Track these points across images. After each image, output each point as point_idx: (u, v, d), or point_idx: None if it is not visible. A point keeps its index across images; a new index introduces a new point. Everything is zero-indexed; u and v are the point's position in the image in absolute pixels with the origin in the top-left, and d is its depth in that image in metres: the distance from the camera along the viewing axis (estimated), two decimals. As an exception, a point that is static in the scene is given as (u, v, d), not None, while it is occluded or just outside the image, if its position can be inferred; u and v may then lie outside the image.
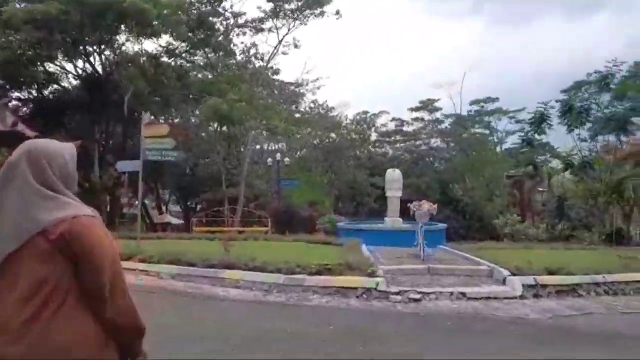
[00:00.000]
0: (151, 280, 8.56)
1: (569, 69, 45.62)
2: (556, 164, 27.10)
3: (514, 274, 8.23)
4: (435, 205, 11.21)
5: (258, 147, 29.31)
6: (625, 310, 7.19)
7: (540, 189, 29.03)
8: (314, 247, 11.85)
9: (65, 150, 1.56)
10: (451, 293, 7.61)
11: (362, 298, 7.47)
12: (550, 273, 8.31)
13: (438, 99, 37.43)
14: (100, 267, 1.42)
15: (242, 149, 26.98)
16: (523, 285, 7.85)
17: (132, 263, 9.09)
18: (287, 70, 36.50)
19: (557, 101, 20.02)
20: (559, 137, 21.46)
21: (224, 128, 25.42)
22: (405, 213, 15.59)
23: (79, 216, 1.42)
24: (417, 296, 7.47)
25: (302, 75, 31.04)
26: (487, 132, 37.37)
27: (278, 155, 25.02)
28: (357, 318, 6.47)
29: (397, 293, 7.53)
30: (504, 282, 8.21)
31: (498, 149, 35.93)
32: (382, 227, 16.23)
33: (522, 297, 7.64)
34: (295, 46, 25.81)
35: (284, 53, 26.36)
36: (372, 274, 7.98)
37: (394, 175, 16.65)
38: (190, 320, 6.23)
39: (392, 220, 16.03)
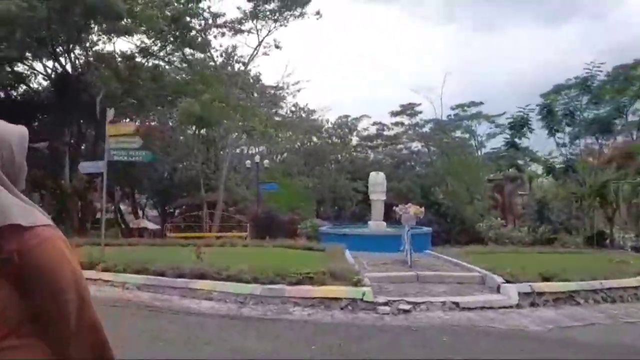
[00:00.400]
0: (115, 291, 7.83)
1: (543, 76, 45.90)
2: (535, 167, 27.05)
3: (508, 281, 7.71)
4: (423, 209, 10.70)
5: (238, 150, 28.61)
6: (629, 319, 6.73)
7: (521, 193, 29.01)
8: (295, 254, 11.24)
9: (12, 134, 1.10)
10: (443, 303, 7.04)
11: (347, 310, 6.85)
12: (546, 279, 7.83)
13: (419, 104, 37.22)
14: (62, 291, 1.03)
15: (221, 152, 26.27)
16: (519, 294, 7.34)
17: (94, 272, 8.33)
18: (268, 73, 36.16)
19: (537, 105, 19.87)
20: (538, 141, 21.28)
21: (203, 131, 24.67)
22: (389, 217, 15.11)
23: (34, 227, 1.01)
24: (407, 307, 6.88)
25: (283, 79, 30.54)
26: (466, 136, 37.27)
27: (257, 158, 24.32)
28: (342, 334, 5.83)
29: (385, 304, 6.94)
30: (498, 289, 7.69)
31: (478, 153, 35.84)
32: (366, 231, 15.69)
33: (518, 306, 7.12)
34: (277, 47, 25.30)
35: (265, 54, 25.85)
36: (357, 283, 7.37)
37: (377, 178, 16.16)
38: (155, 336, 5.55)
39: (377, 224, 15.52)
